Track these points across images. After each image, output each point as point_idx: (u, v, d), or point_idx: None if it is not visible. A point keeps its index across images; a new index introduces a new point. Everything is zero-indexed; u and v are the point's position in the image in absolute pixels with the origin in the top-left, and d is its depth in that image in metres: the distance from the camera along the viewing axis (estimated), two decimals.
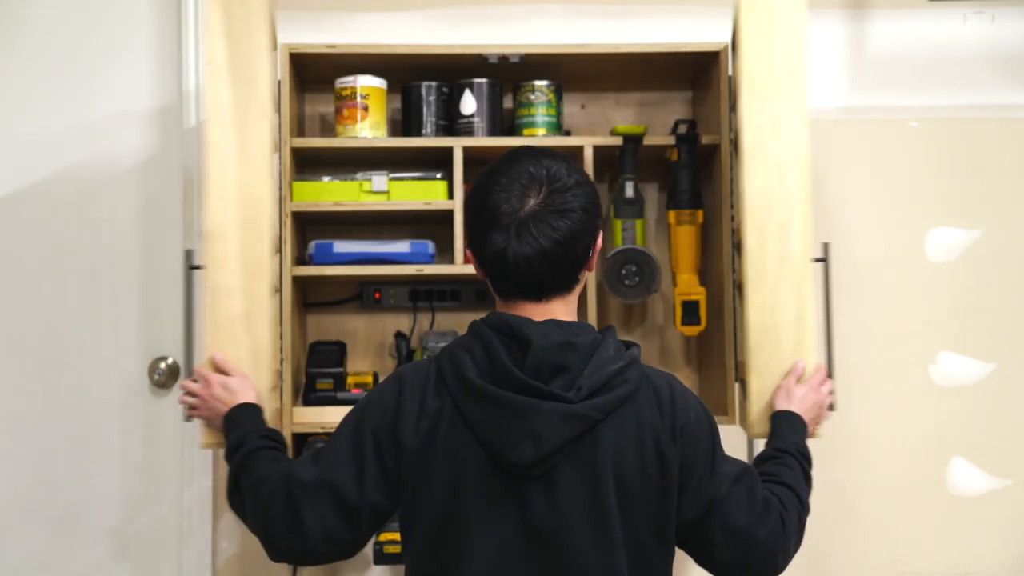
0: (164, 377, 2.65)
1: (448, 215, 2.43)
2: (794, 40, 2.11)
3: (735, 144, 2.14)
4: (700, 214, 2.49)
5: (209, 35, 2.05)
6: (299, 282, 2.51)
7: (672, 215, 2.50)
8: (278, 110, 2.26)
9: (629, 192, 2.48)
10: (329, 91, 2.56)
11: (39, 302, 2.66)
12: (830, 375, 2.09)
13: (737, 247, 2.11)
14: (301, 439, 2.44)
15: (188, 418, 1.95)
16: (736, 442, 2.76)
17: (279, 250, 2.16)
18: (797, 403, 1.99)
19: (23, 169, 2.68)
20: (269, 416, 1.94)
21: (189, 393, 1.93)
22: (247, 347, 1.99)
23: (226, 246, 2.01)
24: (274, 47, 2.00)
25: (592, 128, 2.73)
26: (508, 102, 2.58)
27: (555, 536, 1.54)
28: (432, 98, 2.52)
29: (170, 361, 2.66)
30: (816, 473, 2.76)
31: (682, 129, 2.48)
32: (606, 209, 2.66)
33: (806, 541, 2.77)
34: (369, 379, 2.47)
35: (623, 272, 2.46)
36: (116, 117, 2.67)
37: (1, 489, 2.64)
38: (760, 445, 2.04)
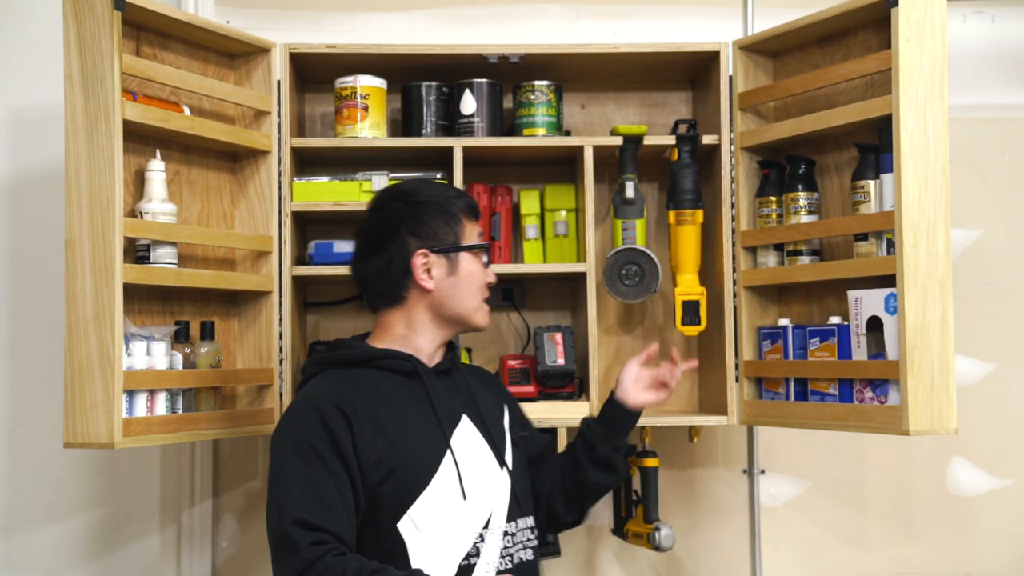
0: None
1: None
2: (939, 46, 2.14)
3: (885, 149, 2.17)
4: (700, 214, 2.49)
5: (64, 46, 2.08)
6: (299, 282, 2.51)
7: (672, 215, 2.50)
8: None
9: (629, 192, 2.48)
10: (329, 91, 2.56)
11: (41, 300, 2.67)
12: None
13: (890, 247, 2.14)
14: None
15: None
16: (736, 441, 2.77)
17: (151, 254, 2.20)
18: None
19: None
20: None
21: None
22: (96, 350, 2.03)
23: (78, 252, 2.05)
24: (120, 51, 2.04)
25: (592, 128, 2.73)
26: (508, 102, 2.58)
27: None
28: (432, 98, 2.52)
29: None
30: (816, 473, 2.77)
31: (682, 129, 2.48)
32: (606, 209, 2.66)
33: (807, 540, 2.78)
34: None
35: (623, 272, 2.46)
36: None
37: (1, 489, 2.65)
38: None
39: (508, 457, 1.90)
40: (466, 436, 1.84)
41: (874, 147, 2.24)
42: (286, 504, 1.70)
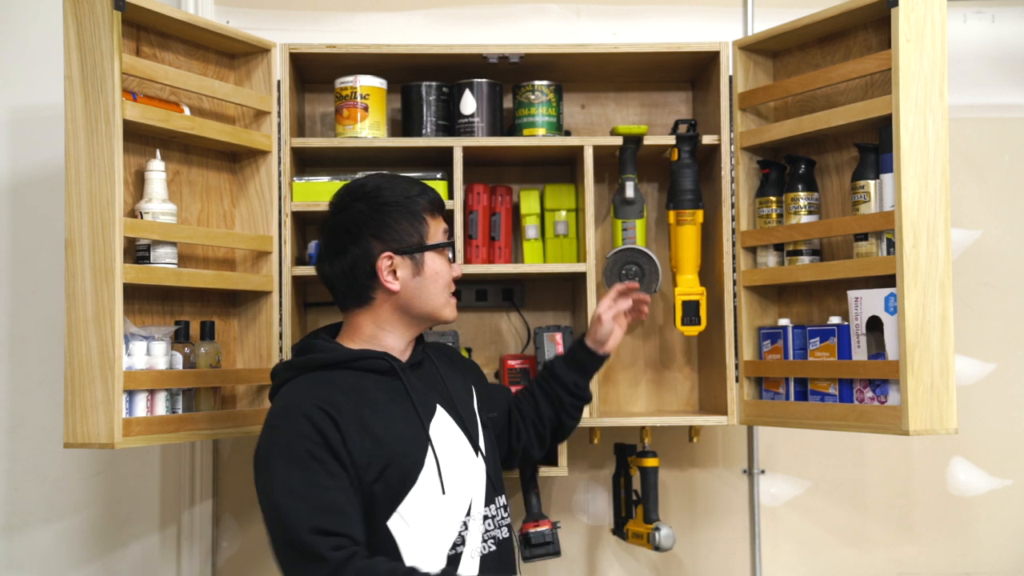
0: None
1: (448, 215, 2.43)
2: (939, 46, 2.14)
3: (885, 149, 2.18)
4: (700, 214, 2.49)
5: (64, 46, 2.08)
6: (299, 282, 2.51)
7: (672, 215, 2.50)
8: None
9: (629, 192, 2.48)
10: (329, 91, 2.56)
11: (41, 300, 2.67)
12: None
13: (890, 247, 2.14)
14: None
15: None
16: (736, 441, 2.77)
17: (150, 255, 2.20)
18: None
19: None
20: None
21: None
22: (96, 350, 2.03)
23: (78, 252, 2.05)
24: (120, 52, 2.04)
25: (592, 128, 2.73)
26: (508, 102, 2.58)
27: None
28: (432, 98, 2.52)
29: None
30: (816, 473, 2.77)
31: (682, 129, 2.48)
32: (606, 209, 2.66)
33: (807, 540, 2.78)
34: None
35: (623, 272, 2.45)
36: None
37: (2, 489, 2.65)
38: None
39: (481, 442, 1.92)
40: (442, 427, 1.86)
41: (874, 147, 2.24)
42: (297, 515, 1.68)
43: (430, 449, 1.81)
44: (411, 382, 1.86)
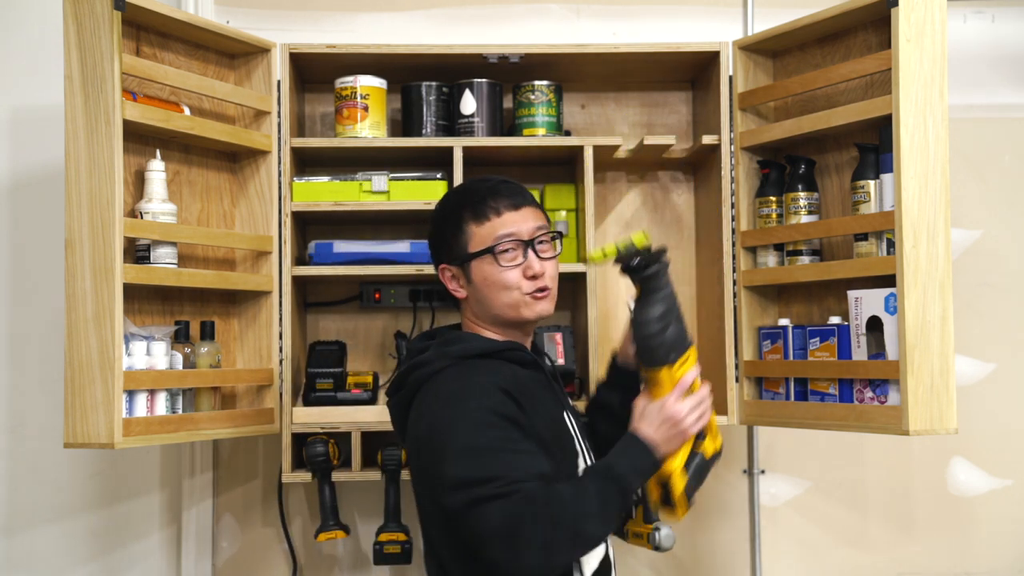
0: None
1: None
2: (939, 46, 2.15)
3: (884, 149, 2.17)
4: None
5: (64, 46, 2.08)
6: (299, 282, 2.51)
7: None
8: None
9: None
10: (329, 91, 2.56)
11: (42, 300, 2.67)
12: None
13: (890, 247, 2.13)
14: (300, 439, 2.43)
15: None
16: (736, 441, 2.77)
17: (150, 255, 2.21)
18: (645, 422, 1.80)
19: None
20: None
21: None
22: (96, 350, 2.03)
23: (78, 252, 2.06)
24: (120, 52, 2.05)
25: (592, 128, 2.73)
26: (508, 102, 2.58)
27: None
28: (432, 98, 2.52)
29: None
30: (816, 473, 2.77)
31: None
32: (606, 209, 2.65)
33: (807, 540, 2.78)
34: (369, 379, 2.46)
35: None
36: None
37: (2, 489, 2.65)
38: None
39: (585, 444, 1.93)
40: (573, 423, 1.91)
41: (874, 147, 2.24)
42: (513, 470, 1.65)
43: (576, 440, 1.86)
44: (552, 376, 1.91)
